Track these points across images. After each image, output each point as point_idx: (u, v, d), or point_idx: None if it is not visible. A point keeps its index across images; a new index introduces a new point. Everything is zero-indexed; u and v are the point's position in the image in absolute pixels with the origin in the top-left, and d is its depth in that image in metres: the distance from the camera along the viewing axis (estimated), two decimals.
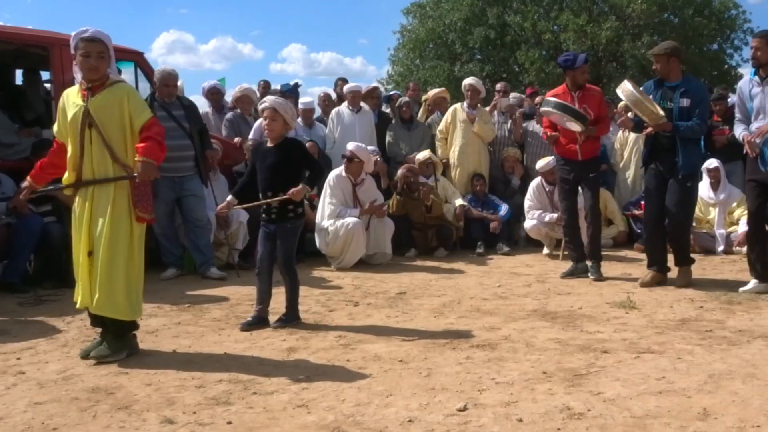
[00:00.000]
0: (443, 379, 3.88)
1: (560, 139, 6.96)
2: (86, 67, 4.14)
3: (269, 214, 5.05)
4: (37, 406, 3.48)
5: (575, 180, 7.05)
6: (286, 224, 5.03)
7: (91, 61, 4.13)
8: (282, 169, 4.97)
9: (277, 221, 5.02)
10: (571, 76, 6.91)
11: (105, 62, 4.19)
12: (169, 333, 4.89)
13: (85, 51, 4.13)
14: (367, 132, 9.02)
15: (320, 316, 5.38)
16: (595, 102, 6.95)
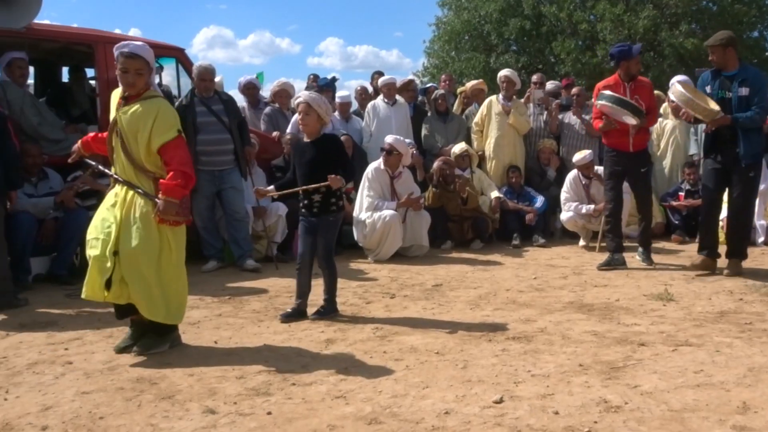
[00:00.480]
0: (479, 371, 3.89)
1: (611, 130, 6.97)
2: (124, 83, 4.17)
3: (311, 208, 5.07)
4: (84, 396, 3.56)
5: (624, 171, 7.05)
6: (328, 217, 5.07)
7: (129, 77, 4.14)
8: (320, 164, 4.98)
9: (320, 214, 5.05)
10: (625, 67, 6.91)
11: (143, 78, 4.17)
12: (211, 324, 4.96)
13: (124, 67, 4.14)
14: (403, 125, 9.02)
15: (357, 308, 5.41)
16: (646, 93, 6.96)
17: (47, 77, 8.57)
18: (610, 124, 6.90)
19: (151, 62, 4.23)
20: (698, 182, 8.78)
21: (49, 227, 6.35)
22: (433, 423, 3.19)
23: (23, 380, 3.78)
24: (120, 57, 4.15)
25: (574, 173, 8.44)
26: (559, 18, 24.57)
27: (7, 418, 3.27)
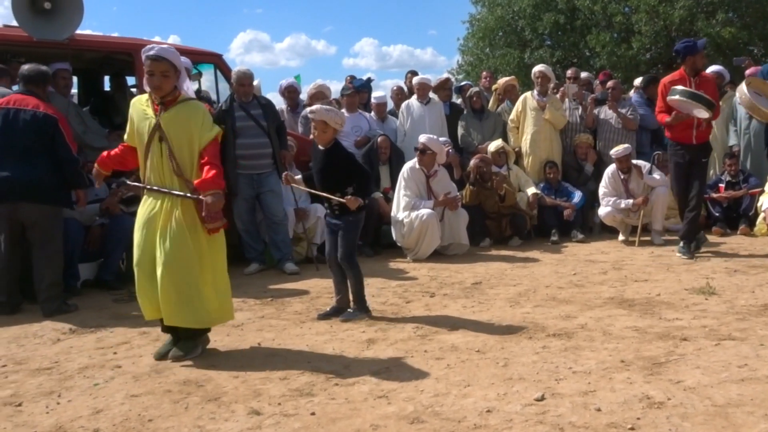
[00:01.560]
0: (520, 368, 3.87)
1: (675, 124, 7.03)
2: (150, 85, 4.17)
3: (333, 210, 5.14)
4: (133, 399, 3.63)
5: (688, 163, 7.10)
6: (348, 217, 5.09)
7: (155, 80, 4.14)
8: (330, 173, 5.07)
9: (340, 216, 5.10)
10: (691, 62, 6.96)
11: (169, 80, 4.18)
12: (254, 326, 5.01)
13: (150, 69, 4.14)
14: (437, 123, 9.00)
15: (397, 308, 5.43)
16: (711, 87, 7.03)
17: (90, 86, 8.74)
18: (680, 117, 6.94)
19: (177, 65, 4.21)
20: (739, 173, 8.65)
21: (95, 234, 6.48)
22: (475, 421, 3.19)
23: (75, 384, 3.87)
24: (146, 60, 4.16)
25: (612, 168, 8.34)
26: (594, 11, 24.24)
27: (60, 422, 3.35)
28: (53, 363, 4.28)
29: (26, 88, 5.73)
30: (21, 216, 5.58)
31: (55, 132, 5.59)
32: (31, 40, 6.60)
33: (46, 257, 5.61)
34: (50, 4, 6.59)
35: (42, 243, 5.61)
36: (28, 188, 5.50)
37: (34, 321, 5.33)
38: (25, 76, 5.75)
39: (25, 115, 5.55)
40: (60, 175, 5.65)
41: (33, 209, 5.55)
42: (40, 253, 5.62)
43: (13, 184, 5.50)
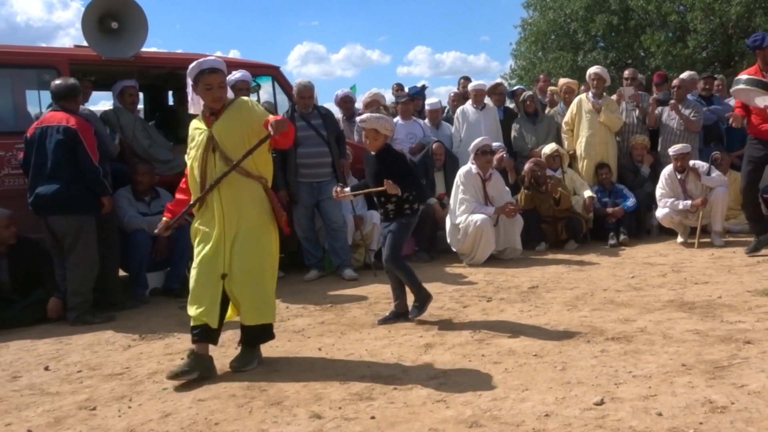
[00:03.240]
0: (579, 372, 3.82)
1: (752, 118, 6.95)
2: (210, 99, 4.16)
3: (387, 215, 5.16)
4: (200, 403, 3.71)
5: (764, 158, 7.02)
6: (401, 219, 5.11)
7: (215, 92, 4.15)
8: (384, 175, 5.02)
9: (395, 219, 5.12)
10: (761, 56, 6.86)
11: (225, 90, 4.22)
12: (314, 332, 5.06)
13: (207, 83, 4.13)
14: (492, 128, 8.95)
15: (454, 313, 5.41)
16: None
17: (155, 101, 8.95)
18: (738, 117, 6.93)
19: (226, 72, 4.26)
20: None
21: (162, 244, 6.63)
22: (534, 426, 3.16)
23: (145, 389, 3.97)
24: (200, 75, 4.14)
25: (669, 168, 8.16)
26: (648, 10, 23.78)
27: (131, 425, 3.44)
28: (124, 369, 4.40)
29: (58, 105, 5.92)
30: (53, 228, 5.80)
31: (75, 143, 5.73)
32: (99, 59, 6.81)
33: (71, 266, 5.77)
34: (117, 24, 6.79)
35: (68, 252, 5.78)
36: (54, 201, 5.70)
37: (108, 329, 5.49)
38: (55, 93, 5.93)
39: (52, 131, 5.75)
40: (81, 184, 5.77)
41: (60, 220, 5.75)
42: (67, 262, 5.80)
43: (43, 199, 5.71)
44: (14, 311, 5.75)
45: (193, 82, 4.20)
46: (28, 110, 6.82)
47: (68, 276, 5.78)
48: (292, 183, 7.07)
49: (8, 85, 6.90)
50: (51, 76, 6.66)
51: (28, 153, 5.84)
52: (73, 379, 4.24)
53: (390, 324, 5.12)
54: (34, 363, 4.65)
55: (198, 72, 4.16)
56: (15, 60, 6.70)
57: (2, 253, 5.88)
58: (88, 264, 5.82)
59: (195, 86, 4.20)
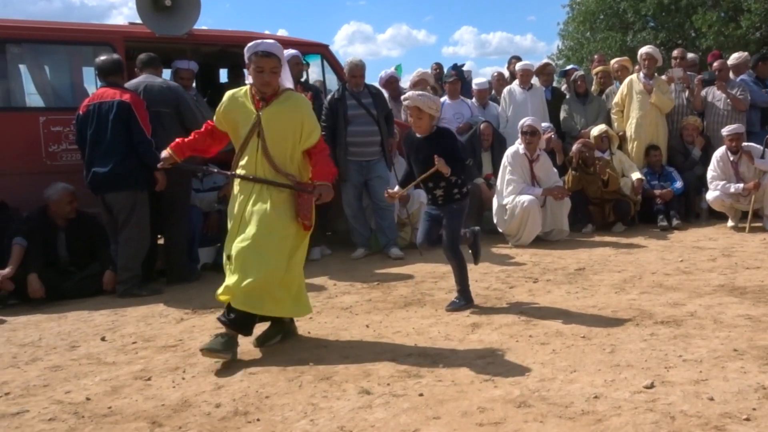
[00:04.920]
0: (628, 355, 3.77)
1: None
2: (259, 82, 4.05)
3: (435, 201, 4.99)
4: (251, 376, 3.75)
5: None
6: (452, 205, 4.94)
7: (264, 76, 4.03)
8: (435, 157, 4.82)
9: (444, 204, 4.96)
10: None
11: (277, 76, 4.09)
12: (362, 309, 5.09)
13: (258, 66, 4.02)
14: (539, 109, 8.84)
15: (501, 293, 5.38)
16: None
17: (207, 79, 9.02)
18: None
19: (283, 60, 4.14)
20: None
21: (213, 220, 6.72)
22: (583, 407, 3.13)
23: (197, 361, 4.04)
24: (253, 57, 4.04)
25: (722, 151, 7.96)
26: None
27: (185, 396, 3.51)
28: (177, 341, 4.49)
29: (106, 81, 5.99)
30: (109, 204, 5.92)
31: (129, 117, 5.80)
32: (153, 36, 6.89)
33: (123, 241, 5.89)
34: (171, 1, 6.85)
35: (122, 228, 5.90)
36: (110, 178, 5.80)
37: (160, 302, 5.60)
38: (101, 68, 6.00)
39: (106, 106, 5.83)
40: (135, 159, 5.84)
41: (116, 196, 5.86)
42: (120, 237, 5.92)
43: (100, 177, 5.82)
44: (72, 283, 5.90)
45: (247, 60, 4.13)
46: (84, 87, 6.95)
47: (120, 251, 5.91)
48: (341, 161, 7.08)
49: (65, 61, 7.06)
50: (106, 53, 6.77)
51: (82, 130, 5.94)
52: (128, 350, 4.33)
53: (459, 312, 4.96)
54: (91, 333, 4.77)
55: (252, 53, 4.06)
56: (72, 37, 6.84)
57: (61, 227, 6.02)
58: (139, 240, 5.93)
59: (248, 65, 4.12)
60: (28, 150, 6.30)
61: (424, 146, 4.89)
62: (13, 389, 3.72)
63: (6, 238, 5.78)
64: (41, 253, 5.86)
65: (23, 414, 3.38)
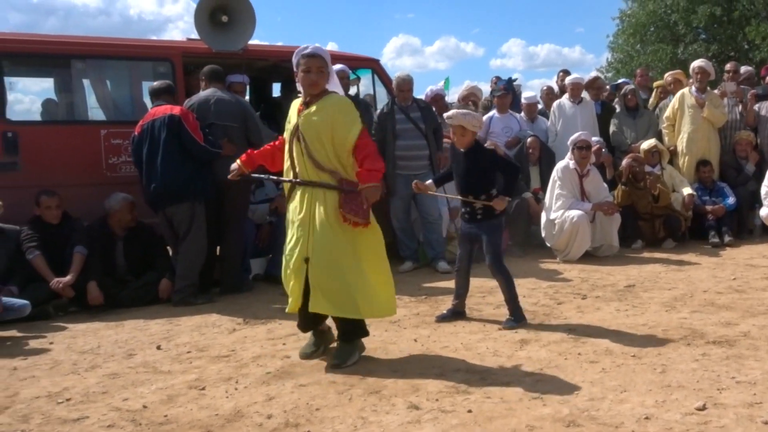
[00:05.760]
0: (679, 376, 3.71)
1: None
2: (307, 82, 4.12)
3: (474, 215, 5.01)
4: (301, 388, 3.80)
5: None
6: (492, 221, 4.97)
7: (312, 76, 4.11)
8: (474, 174, 4.94)
9: (482, 220, 4.97)
10: None
11: (324, 77, 4.16)
12: (410, 323, 5.10)
13: (306, 66, 4.11)
14: (589, 123, 8.73)
15: (549, 309, 5.34)
16: None
17: (260, 93, 9.15)
18: None
19: (330, 64, 4.21)
20: None
21: (265, 231, 6.81)
22: (633, 428, 3.09)
23: (249, 372, 4.10)
24: (301, 60, 4.14)
25: None
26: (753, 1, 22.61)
27: (238, 406, 3.57)
28: (230, 351, 4.56)
29: (158, 101, 6.22)
30: (169, 217, 6.08)
31: (180, 128, 5.95)
32: (210, 52, 7.04)
33: (183, 251, 6.03)
34: (227, 17, 7.00)
35: (181, 239, 6.04)
36: (168, 191, 5.95)
37: (213, 311, 5.70)
38: (153, 92, 6.30)
39: (158, 123, 6.00)
40: (190, 171, 5.98)
41: (176, 209, 6.01)
42: (179, 248, 6.07)
43: (158, 191, 5.97)
44: (128, 291, 6.05)
45: (295, 67, 4.23)
46: (143, 101, 7.14)
47: (179, 260, 6.05)
48: (389, 174, 7.11)
49: (126, 76, 7.26)
50: (165, 68, 6.95)
51: (138, 150, 6.10)
52: (183, 359, 4.43)
53: (447, 322, 5.04)
54: (147, 342, 4.88)
55: (299, 57, 4.17)
56: (132, 53, 7.05)
57: (119, 237, 6.19)
58: (197, 250, 6.06)
59: (296, 72, 4.21)
60: (89, 162, 6.51)
61: (464, 160, 5.00)
62: (73, 395, 3.83)
63: (68, 247, 5.96)
64: (100, 262, 6.03)
65: (83, 420, 3.48)
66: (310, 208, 4.11)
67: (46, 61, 6.91)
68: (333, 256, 4.06)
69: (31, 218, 6.04)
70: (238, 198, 6.31)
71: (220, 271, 6.47)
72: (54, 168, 6.34)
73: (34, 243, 5.88)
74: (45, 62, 6.99)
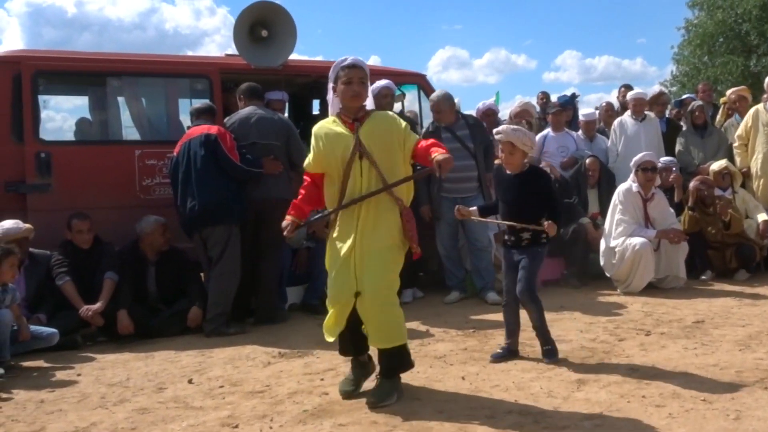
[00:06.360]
0: (755, 423, 3.58)
1: None
2: (349, 94, 4.14)
3: (519, 243, 4.92)
4: (341, 427, 3.76)
5: None
6: (536, 248, 4.90)
7: (354, 87, 4.13)
8: (526, 201, 4.84)
9: (528, 247, 4.90)
10: None
11: (366, 89, 4.21)
12: (457, 359, 5.04)
13: (348, 78, 4.14)
14: (653, 142, 8.60)
15: (609, 346, 5.23)
16: None
17: (300, 110, 9.24)
18: None
19: (368, 75, 4.26)
20: None
21: (302, 257, 6.84)
22: None
23: (285, 409, 4.09)
24: (340, 72, 4.17)
25: None
26: None
27: None
28: (265, 386, 4.56)
29: (198, 121, 6.36)
30: (204, 239, 6.14)
31: (216, 148, 6.05)
32: (249, 68, 7.14)
33: (215, 276, 6.09)
34: (267, 32, 7.09)
35: (215, 263, 6.10)
36: (204, 213, 6.02)
37: (247, 343, 5.72)
38: (195, 111, 6.47)
39: (195, 142, 6.12)
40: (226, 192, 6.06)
41: (208, 231, 6.09)
42: (212, 273, 6.13)
43: (193, 212, 6.06)
44: (159, 320, 6.13)
45: (332, 81, 4.24)
46: (179, 119, 7.27)
47: (211, 286, 6.11)
48: (435, 198, 7.09)
49: (161, 93, 7.40)
50: (203, 85, 7.06)
51: (175, 171, 6.23)
52: (215, 394, 4.44)
53: (503, 361, 4.94)
54: (178, 375, 4.92)
55: (339, 69, 4.19)
56: (168, 69, 7.20)
57: (151, 262, 6.28)
58: (230, 275, 6.11)
59: (335, 86, 4.23)
60: (123, 183, 6.65)
61: (515, 184, 4.92)
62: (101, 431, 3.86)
63: (98, 273, 6.06)
64: (131, 289, 6.12)
65: None
66: (363, 236, 4.11)
67: (81, 78, 7.10)
68: (384, 286, 4.10)
69: (62, 242, 6.18)
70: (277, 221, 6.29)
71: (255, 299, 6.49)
72: (87, 190, 6.50)
73: (65, 268, 6.01)
74: (79, 80, 7.18)
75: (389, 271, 4.15)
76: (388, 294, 4.13)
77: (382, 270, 4.10)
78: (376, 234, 4.12)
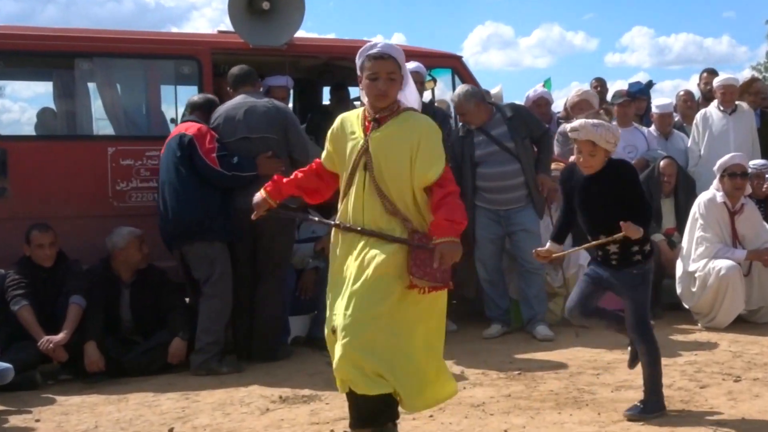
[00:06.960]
0: None
1: None
2: (373, 93, 4.04)
3: (608, 261, 4.84)
4: None
5: None
6: (632, 270, 4.79)
7: (379, 84, 4.01)
8: (610, 203, 4.72)
9: (620, 267, 4.81)
10: None
11: (395, 86, 4.07)
12: (498, 408, 5.03)
13: (373, 72, 4.02)
14: (746, 139, 8.59)
15: (689, 394, 5.21)
16: None
17: (307, 99, 9.27)
18: None
19: (403, 65, 4.14)
20: None
21: (308, 280, 6.86)
22: None
23: None
24: (366, 62, 4.07)
25: None
26: None
27: None
28: None
29: (190, 117, 6.44)
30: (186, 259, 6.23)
31: (191, 150, 6.10)
32: (246, 47, 7.16)
33: (203, 300, 6.18)
34: (268, 3, 7.09)
35: (202, 284, 6.16)
36: (179, 226, 6.12)
37: (241, 385, 5.74)
38: (189, 105, 6.55)
39: (171, 143, 6.21)
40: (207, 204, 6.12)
41: (186, 248, 6.18)
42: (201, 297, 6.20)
43: (170, 225, 6.17)
44: (134, 355, 6.17)
45: (359, 70, 4.16)
46: (161, 110, 7.31)
47: (200, 311, 6.16)
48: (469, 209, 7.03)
49: (140, 79, 7.44)
50: (190, 68, 7.08)
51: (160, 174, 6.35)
52: None
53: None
54: (157, 423, 4.94)
55: (364, 57, 4.09)
56: (148, 49, 7.22)
57: (125, 283, 6.33)
58: (221, 298, 6.16)
59: (360, 77, 4.14)
60: (93, 188, 6.69)
61: (593, 186, 4.80)
62: None
63: (62, 296, 6.12)
64: (102, 316, 6.17)
65: None
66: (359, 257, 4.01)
67: (44, 60, 7.17)
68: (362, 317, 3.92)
69: (19, 259, 6.24)
70: (278, 236, 6.33)
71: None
72: (49, 195, 6.56)
73: (21, 291, 6.06)
74: (42, 62, 7.25)
75: (374, 304, 3.95)
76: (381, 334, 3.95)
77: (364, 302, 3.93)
78: (373, 259, 3.98)
